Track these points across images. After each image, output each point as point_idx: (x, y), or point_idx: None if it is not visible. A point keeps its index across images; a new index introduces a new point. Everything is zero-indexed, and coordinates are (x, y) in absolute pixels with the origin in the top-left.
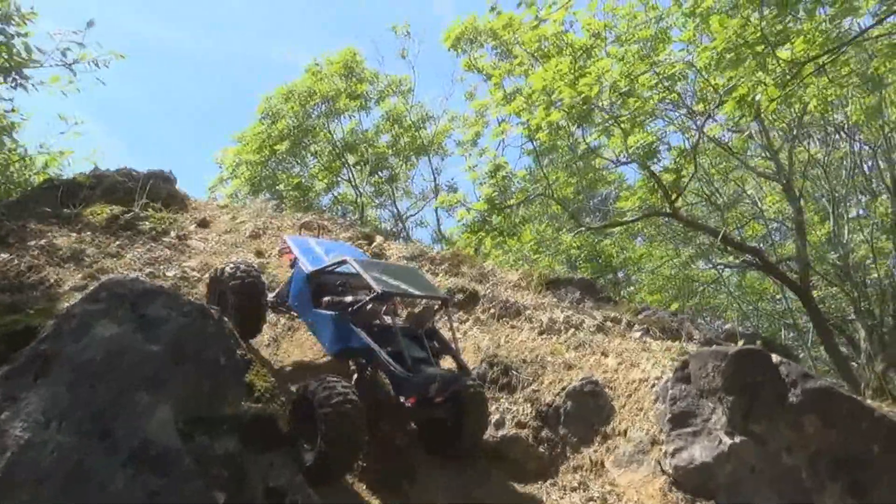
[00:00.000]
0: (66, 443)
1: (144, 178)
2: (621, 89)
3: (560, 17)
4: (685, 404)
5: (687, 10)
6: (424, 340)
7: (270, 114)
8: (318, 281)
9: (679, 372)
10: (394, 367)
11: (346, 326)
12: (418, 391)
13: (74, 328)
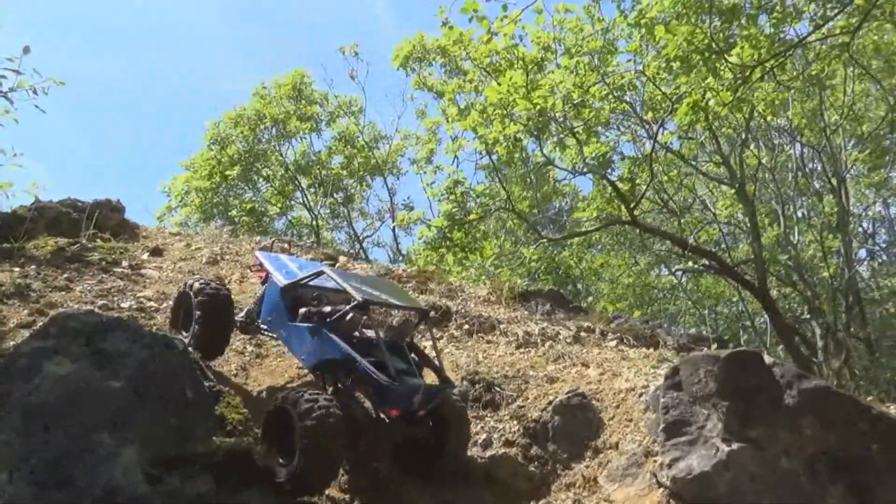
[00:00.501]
0: (20, 495)
1: (91, 207)
2: (574, 100)
3: (510, 32)
4: (678, 412)
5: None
6: (406, 352)
7: (219, 139)
8: (293, 294)
9: (669, 379)
10: (377, 376)
11: (324, 337)
12: (403, 402)
13: (23, 368)
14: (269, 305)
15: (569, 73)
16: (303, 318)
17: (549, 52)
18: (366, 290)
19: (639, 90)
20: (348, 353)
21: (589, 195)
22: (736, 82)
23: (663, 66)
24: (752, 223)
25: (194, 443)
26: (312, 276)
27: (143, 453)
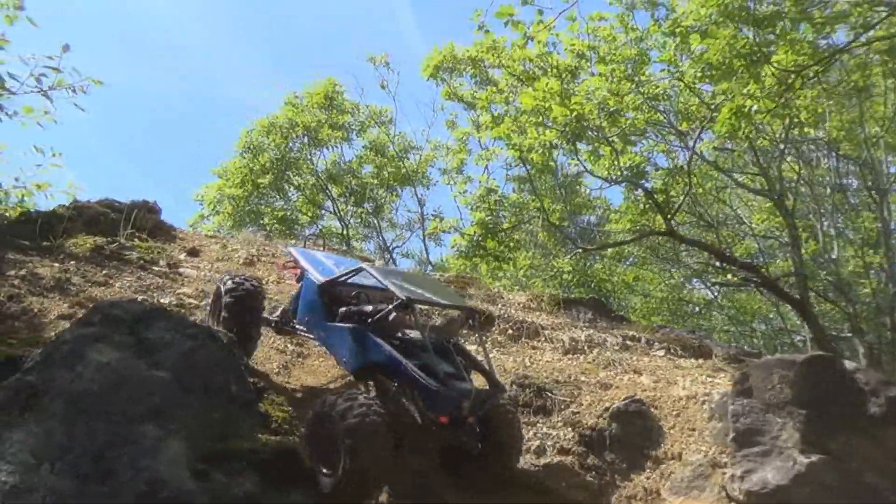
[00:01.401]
0: (61, 487)
1: (128, 208)
2: (610, 108)
3: (544, 38)
4: (749, 421)
5: (666, 30)
6: (453, 354)
7: (251, 147)
8: (331, 293)
9: (739, 385)
10: (424, 381)
11: (367, 338)
12: (452, 408)
13: (66, 355)
14: (306, 304)
15: (604, 80)
16: (342, 318)
17: (583, 59)
18: (408, 287)
19: (672, 100)
20: (392, 355)
21: (621, 207)
22: (779, 88)
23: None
24: (792, 236)
25: (239, 439)
26: (351, 273)
27: (187, 447)
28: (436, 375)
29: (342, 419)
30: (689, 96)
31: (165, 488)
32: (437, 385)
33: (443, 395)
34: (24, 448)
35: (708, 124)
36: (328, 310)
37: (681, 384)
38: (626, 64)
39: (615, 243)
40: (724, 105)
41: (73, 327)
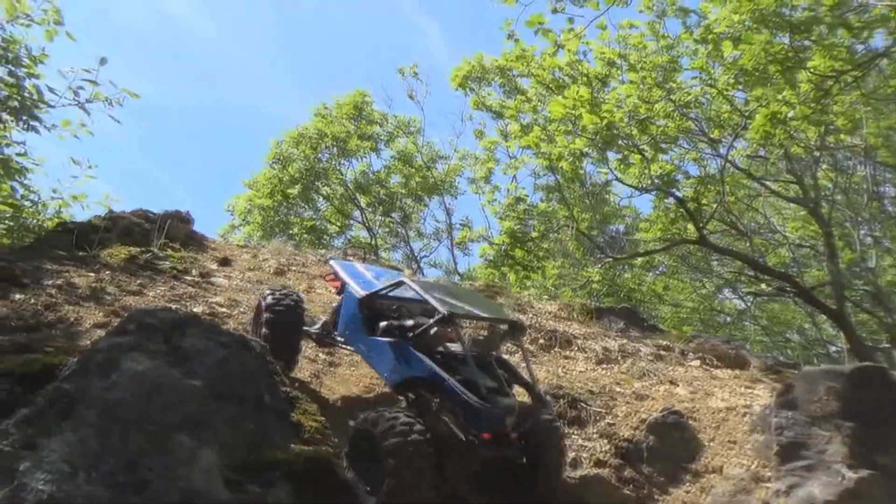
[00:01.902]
0: (97, 496)
1: (161, 218)
2: (640, 116)
3: (574, 47)
4: (794, 434)
5: (698, 37)
6: (495, 368)
7: (281, 158)
8: (371, 306)
9: (782, 397)
10: (467, 396)
11: (407, 352)
12: (495, 424)
13: (101, 364)
14: (346, 318)
15: (635, 87)
16: (383, 332)
17: (613, 67)
18: (449, 301)
19: (704, 108)
20: (434, 370)
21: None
22: (815, 94)
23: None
24: (828, 244)
25: (272, 449)
26: (391, 287)
27: (221, 457)
28: (478, 391)
29: (384, 438)
30: (721, 103)
31: (199, 499)
32: (479, 401)
33: (485, 411)
34: (59, 457)
35: (741, 131)
36: (368, 323)
37: (719, 395)
38: (657, 71)
39: (646, 252)
40: (759, 111)
41: (108, 336)
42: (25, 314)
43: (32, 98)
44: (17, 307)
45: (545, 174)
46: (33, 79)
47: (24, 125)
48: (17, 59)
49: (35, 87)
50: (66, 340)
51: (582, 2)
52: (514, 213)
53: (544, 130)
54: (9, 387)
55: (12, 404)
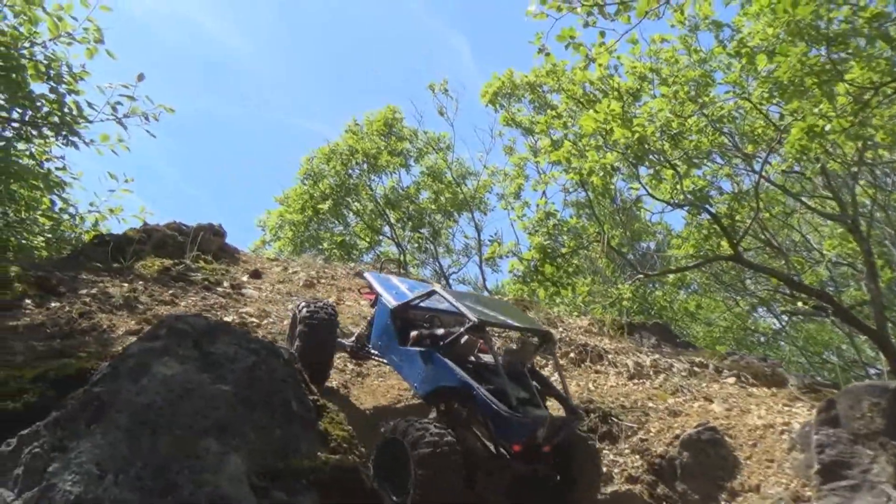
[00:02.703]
0: (125, 500)
1: (195, 231)
2: (673, 130)
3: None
4: (836, 452)
5: (732, 51)
6: (528, 379)
7: (312, 174)
8: (403, 317)
9: (824, 413)
10: (497, 406)
11: (438, 362)
12: (525, 435)
13: (132, 368)
14: (379, 329)
15: (667, 101)
16: (414, 342)
17: (644, 81)
18: (481, 310)
19: (737, 123)
20: (465, 380)
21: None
22: (853, 107)
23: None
24: (868, 263)
25: (299, 457)
26: (424, 297)
27: (248, 463)
28: (509, 401)
29: (414, 448)
30: (755, 118)
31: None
32: (509, 411)
33: (516, 422)
34: (89, 459)
35: (776, 146)
36: (401, 334)
37: (755, 413)
38: (690, 85)
39: (678, 269)
40: (794, 125)
41: (140, 341)
42: (60, 321)
43: (73, 114)
44: (52, 314)
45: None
46: (74, 95)
47: (64, 140)
48: (59, 76)
49: (76, 104)
50: (99, 346)
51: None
52: (545, 228)
53: (575, 145)
54: (43, 390)
55: (46, 407)
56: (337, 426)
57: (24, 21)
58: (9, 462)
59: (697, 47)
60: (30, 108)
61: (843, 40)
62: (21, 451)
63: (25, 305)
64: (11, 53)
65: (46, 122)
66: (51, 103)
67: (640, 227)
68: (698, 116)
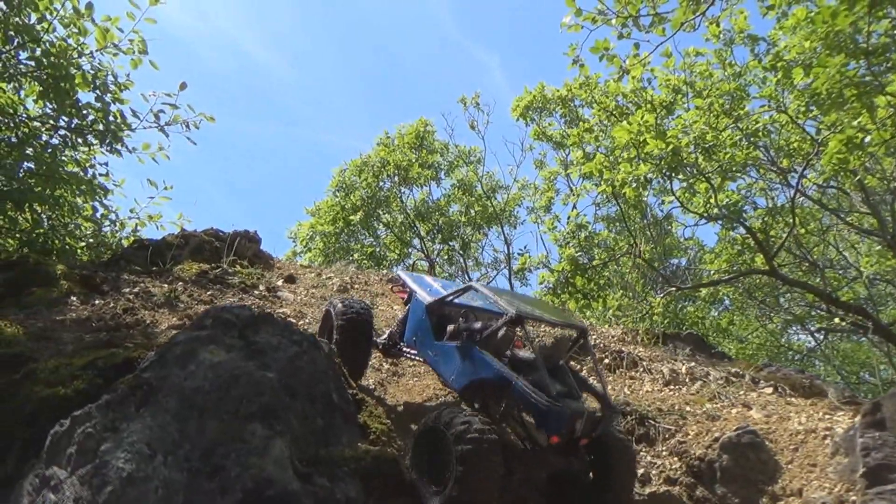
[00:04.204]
0: (174, 480)
1: (231, 237)
2: (707, 143)
3: (639, 74)
4: (882, 455)
5: (767, 65)
6: (566, 373)
7: (344, 186)
8: (438, 313)
9: (869, 416)
10: (536, 398)
11: (475, 355)
12: (564, 427)
13: (179, 356)
14: (413, 325)
15: (701, 113)
16: (450, 337)
17: (678, 94)
18: (518, 305)
19: (772, 138)
20: (502, 371)
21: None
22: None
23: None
24: None
25: (340, 446)
26: (459, 293)
27: (292, 449)
28: (548, 393)
29: (458, 442)
30: (790, 132)
31: (271, 487)
32: (548, 402)
33: (555, 412)
34: (140, 439)
35: (813, 159)
36: (436, 330)
37: (796, 419)
38: (724, 98)
39: (711, 282)
40: (832, 137)
41: (186, 330)
42: (105, 316)
43: (117, 122)
44: (97, 311)
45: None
46: (118, 104)
47: (108, 148)
48: (105, 86)
49: (120, 112)
50: (143, 339)
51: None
52: (576, 240)
53: (608, 158)
54: (92, 377)
55: (96, 393)
56: (376, 420)
57: (73, 33)
58: (62, 441)
59: (732, 61)
60: (76, 117)
61: (882, 52)
62: (74, 431)
63: (71, 302)
64: (61, 63)
65: (92, 129)
66: (96, 112)
67: (671, 243)
68: (733, 130)
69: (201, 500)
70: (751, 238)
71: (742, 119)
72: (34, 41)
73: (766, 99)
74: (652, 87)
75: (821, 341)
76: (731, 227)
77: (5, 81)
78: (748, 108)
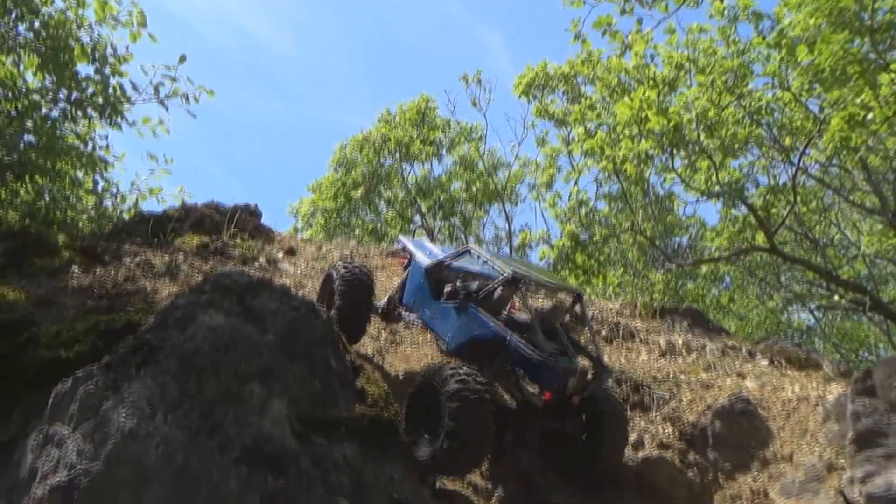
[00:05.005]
0: (174, 437)
1: (231, 210)
2: (710, 119)
3: (641, 50)
4: (872, 421)
5: (771, 42)
6: (561, 335)
7: (345, 162)
8: (437, 276)
9: (861, 383)
10: (530, 353)
11: (472, 314)
12: (556, 382)
13: (179, 319)
14: (413, 287)
15: (704, 90)
16: (448, 297)
17: (681, 71)
18: (515, 267)
19: (775, 117)
20: (497, 329)
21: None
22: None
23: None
24: None
25: (337, 410)
26: (458, 255)
27: (290, 409)
28: (542, 350)
29: (450, 397)
30: (793, 110)
31: (270, 444)
32: (542, 357)
33: (548, 367)
34: (141, 398)
35: (815, 137)
36: (434, 291)
37: (790, 389)
38: (727, 75)
39: (712, 259)
40: (835, 114)
41: (186, 294)
42: (107, 284)
43: (116, 95)
44: (98, 279)
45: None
46: (118, 77)
47: (108, 121)
48: (104, 59)
49: (119, 86)
50: (144, 305)
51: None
52: (577, 216)
53: (609, 135)
54: (94, 340)
55: (97, 356)
56: (373, 384)
57: (72, 6)
58: (65, 400)
59: (736, 38)
60: (76, 90)
61: (887, 29)
62: (76, 390)
63: (72, 271)
64: (60, 35)
65: (91, 102)
66: (96, 84)
67: (672, 221)
68: (735, 108)
69: (201, 457)
70: (752, 216)
71: (745, 96)
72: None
73: (769, 76)
74: (654, 63)
75: (820, 319)
76: (733, 205)
77: (4, 54)
78: (751, 86)
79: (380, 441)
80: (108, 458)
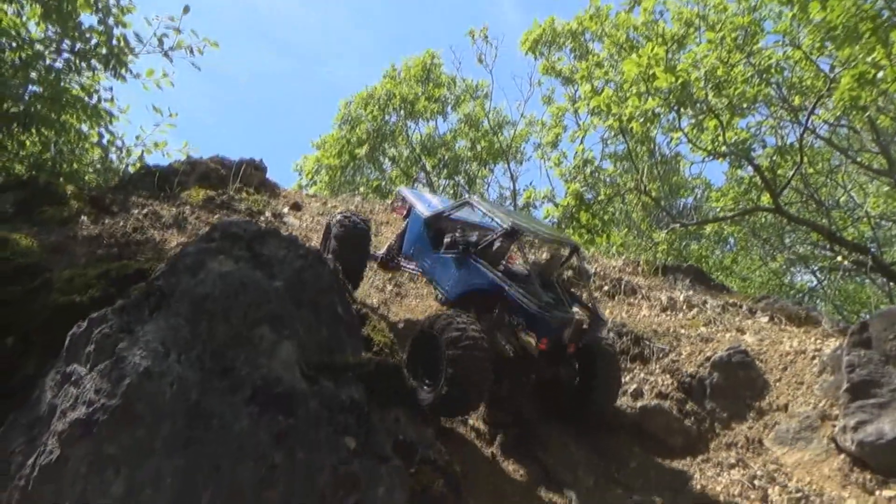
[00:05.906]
0: (187, 377)
1: (237, 165)
2: (718, 77)
3: (650, 6)
4: (866, 372)
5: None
6: (557, 287)
7: (350, 119)
8: (436, 227)
9: (856, 335)
10: (527, 303)
11: (471, 265)
12: (552, 332)
13: (189, 265)
14: (412, 237)
15: (713, 47)
16: (447, 248)
17: (690, 28)
18: (514, 219)
19: (784, 76)
20: (495, 279)
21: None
22: None
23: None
24: None
25: (344, 356)
26: (457, 207)
27: (299, 353)
28: (539, 300)
29: (449, 347)
30: (804, 69)
31: (279, 385)
32: (538, 308)
33: (543, 319)
34: (154, 339)
35: (825, 97)
36: (433, 242)
37: (788, 343)
38: (738, 32)
39: (716, 219)
40: (845, 73)
41: (196, 242)
42: (116, 234)
43: (120, 46)
44: (107, 229)
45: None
46: (121, 28)
47: (112, 73)
48: (108, 9)
49: (123, 37)
50: (154, 253)
51: None
52: (582, 174)
53: (616, 93)
54: (105, 286)
55: (109, 302)
56: (379, 333)
57: None
58: (80, 341)
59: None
60: (79, 40)
61: None
62: (91, 332)
63: (81, 221)
64: None
65: (95, 54)
66: (99, 35)
67: (678, 182)
68: (745, 66)
69: (214, 396)
70: (758, 176)
71: (755, 55)
72: None
73: (780, 34)
74: (664, 19)
75: (822, 281)
76: (739, 165)
77: (7, 2)
78: (761, 44)
79: (385, 385)
80: (124, 394)
